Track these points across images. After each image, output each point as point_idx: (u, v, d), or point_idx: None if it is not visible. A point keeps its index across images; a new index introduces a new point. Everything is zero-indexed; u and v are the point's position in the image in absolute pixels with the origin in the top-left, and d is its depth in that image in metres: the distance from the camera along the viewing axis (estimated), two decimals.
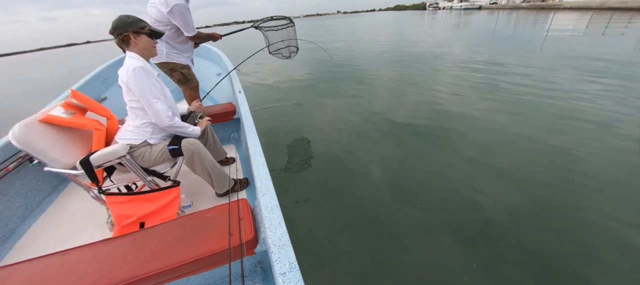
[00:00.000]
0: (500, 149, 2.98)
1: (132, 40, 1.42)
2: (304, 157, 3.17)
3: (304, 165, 3.00)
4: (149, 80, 1.42)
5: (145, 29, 1.44)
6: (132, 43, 1.43)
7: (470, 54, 8.42)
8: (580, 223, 1.96)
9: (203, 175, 1.70)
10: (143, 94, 1.40)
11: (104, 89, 3.32)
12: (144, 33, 1.44)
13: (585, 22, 16.34)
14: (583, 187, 2.31)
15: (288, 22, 2.90)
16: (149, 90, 1.41)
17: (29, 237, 1.62)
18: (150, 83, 1.42)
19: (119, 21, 1.40)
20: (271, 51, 2.98)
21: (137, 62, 1.40)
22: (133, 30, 1.40)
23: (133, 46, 1.44)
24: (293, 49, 3.00)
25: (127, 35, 1.40)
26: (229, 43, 17.99)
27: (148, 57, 1.53)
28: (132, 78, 1.36)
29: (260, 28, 2.88)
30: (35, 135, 1.34)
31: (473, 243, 1.86)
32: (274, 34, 2.88)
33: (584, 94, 4.34)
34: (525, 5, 45.85)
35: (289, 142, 3.54)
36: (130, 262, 1.03)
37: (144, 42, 1.45)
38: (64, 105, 1.51)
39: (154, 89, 1.44)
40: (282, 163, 3.06)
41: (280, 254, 0.89)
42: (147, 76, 1.41)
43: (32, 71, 19.82)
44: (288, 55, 3.01)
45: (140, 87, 1.39)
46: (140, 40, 1.43)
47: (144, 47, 1.46)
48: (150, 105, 1.43)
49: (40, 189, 1.91)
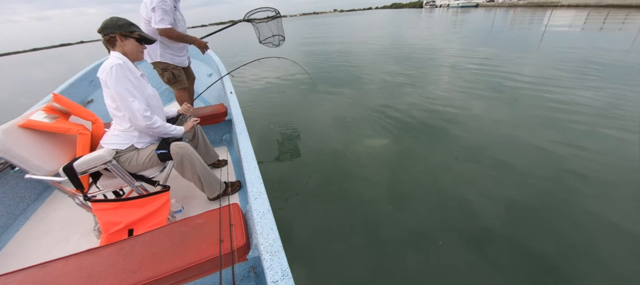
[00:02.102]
0: (498, 148, 2.95)
1: (119, 42, 1.40)
2: (297, 159, 3.12)
3: (297, 167, 2.96)
4: (127, 78, 1.37)
5: (134, 33, 1.42)
6: (118, 44, 1.41)
7: (467, 52, 8.39)
8: (580, 224, 1.93)
9: (193, 179, 1.65)
10: (119, 93, 1.36)
11: (91, 91, 3.26)
12: (132, 37, 1.42)
13: (582, 19, 16.38)
14: (583, 187, 2.28)
15: (276, 14, 3.16)
16: (126, 88, 1.37)
17: (11, 247, 1.56)
18: (127, 81, 1.37)
19: (110, 22, 1.39)
20: (261, 40, 3.24)
21: (116, 60, 1.36)
22: (121, 32, 1.39)
23: (118, 47, 1.42)
24: (281, 38, 3.26)
25: (113, 36, 1.39)
26: (222, 42, 17.89)
27: (133, 60, 1.49)
28: (109, 76, 1.33)
29: (251, 21, 3.13)
30: (15, 141, 1.28)
31: (471, 246, 1.83)
32: (264, 26, 3.15)
33: (583, 91, 4.33)
34: (522, 3, 45.82)
35: (282, 143, 3.50)
36: (117, 273, 0.99)
37: (131, 46, 1.43)
38: (45, 109, 1.45)
39: (131, 88, 1.39)
40: (275, 165, 3.01)
41: (272, 261, 0.87)
42: (124, 74, 1.36)
43: (26, 71, 19.57)
44: (277, 43, 3.27)
45: (116, 85, 1.34)
46: (127, 43, 1.41)
47: (129, 50, 1.43)
48: (126, 104, 1.38)
49: (23, 196, 1.86)
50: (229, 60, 10.85)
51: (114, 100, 1.40)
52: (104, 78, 1.34)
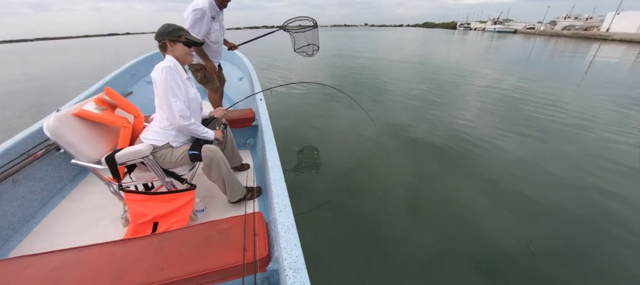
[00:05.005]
0: (523, 181, 2.80)
1: (169, 47, 1.52)
2: (317, 168, 3.12)
3: (315, 176, 2.95)
4: (173, 79, 1.47)
5: (181, 37, 1.52)
6: (169, 49, 1.52)
7: (500, 80, 8.04)
8: (607, 271, 1.79)
9: (217, 182, 1.69)
10: (164, 91, 1.45)
11: (131, 84, 3.48)
12: (180, 41, 1.51)
13: (633, 56, 15.12)
14: (612, 233, 2.11)
15: (313, 25, 3.17)
16: (170, 88, 1.46)
17: (46, 224, 1.67)
18: (173, 81, 1.47)
19: (161, 29, 1.51)
20: (296, 49, 3.27)
21: (168, 62, 1.48)
22: (170, 38, 1.49)
23: (170, 52, 1.53)
24: (315, 48, 3.29)
25: (164, 42, 1.50)
26: (257, 49, 18.55)
27: (183, 63, 1.59)
28: (159, 76, 1.44)
29: (288, 30, 3.17)
30: (68, 128, 1.39)
31: (489, 275, 1.78)
32: (300, 35, 3.19)
33: (623, 135, 3.97)
34: (566, 32, 43.02)
35: (302, 152, 3.51)
36: (146, 266, 1.02)
37: (180, 50, 1.53)
38: (96, 100, 1.58)
39: (175, 88, 1.48)
40: (295, 172, 3.03)
41: (295, 278, 0.86)
42: (171, 75, 1.46)
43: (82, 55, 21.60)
44: (311, 53, 3.30)
45: (163, 84, 1.44)
46: (176, 47, 1.52)
47: (179, 54, 1.54)
48: (168, 102, 1.47)
49: (62, 176, 1.98)
50: (254, 60, 11.22)
51: (159, 98, 1.49)
52: (154, 77, 1.45)
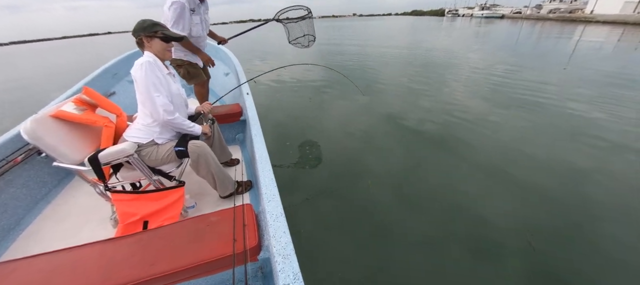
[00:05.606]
0: (514, 163, 2.87)
1: (146, 43, 1.48)
2: (308, 159, 3.13)
3: (308, 167, 2.96)
4: (154, 73, 1.44)
5: (158, 33, 1.48)
6: (146, 45, 1.49)
7: (489, 65, 8.14)
8: (596, 248, 1.86)
9: (207, 177, 1.68)
10: (145, 87, 1.43)
11: (113, 84, 3.39)
12: (156, 37, 1.48)
13: (615, 37, 15.47)
14: (601, 211, 2.19)
15: (307, 13, 2.98)
16: (152, 83, 1.44)
17: (33, 229, 1.64)
18: (154, 76, 1.44)
19: (137, 25, 1.47)
20: (291, 41, 3.10)
21: (147, 58, 1.45)
22: (145, 34, 1.46)
23: (147, 48, 1.50)
24: (311, 39, 3.10)
25: (140, 38, 1.47)
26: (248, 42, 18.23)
27: (162, 58, 1.55)
28: (138, 72, 1.41)
29: (281, 21, 2.99)
30: (46, 130, 1.35)
31: (484, 259, 1.82)
32: (295, 26, 3.01)
33: (610, 113, 4.10)
34: (552, 16, 43.47)
35: (292, 144, 3.50)
36: (136, 263, 1.03)
37: (157, 46, 1.49)
38: (75, 101, 1.53)
39: (156, 83, 1.45)
40: (285, 164, 3.03)
41: (284, 264, 0.89)
42: (152, 70, 1.44)
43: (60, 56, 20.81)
44: (306, 44, 3.12)
45: (143, 80, 1.42)
46: (153, 43, 1.48)
47: (157, 50, 1.50)
48: (150, 98, 1.45)
49: (46, 181, 1.93)
50: (242, 56, 11.05)
51: (141, 94, 1.46)
52: (134, 74, 1.42)
